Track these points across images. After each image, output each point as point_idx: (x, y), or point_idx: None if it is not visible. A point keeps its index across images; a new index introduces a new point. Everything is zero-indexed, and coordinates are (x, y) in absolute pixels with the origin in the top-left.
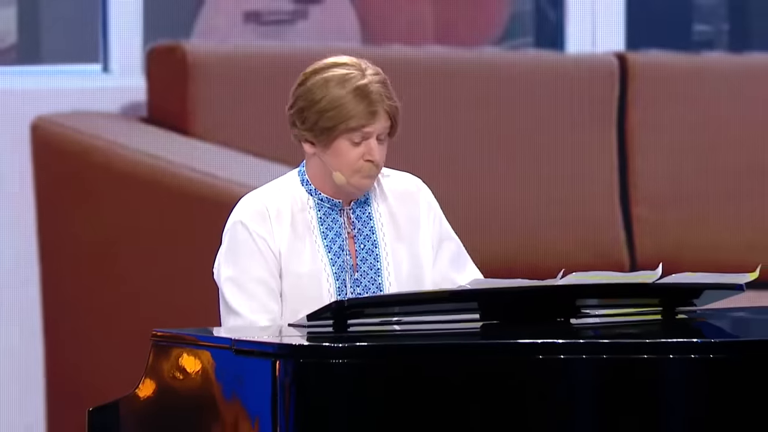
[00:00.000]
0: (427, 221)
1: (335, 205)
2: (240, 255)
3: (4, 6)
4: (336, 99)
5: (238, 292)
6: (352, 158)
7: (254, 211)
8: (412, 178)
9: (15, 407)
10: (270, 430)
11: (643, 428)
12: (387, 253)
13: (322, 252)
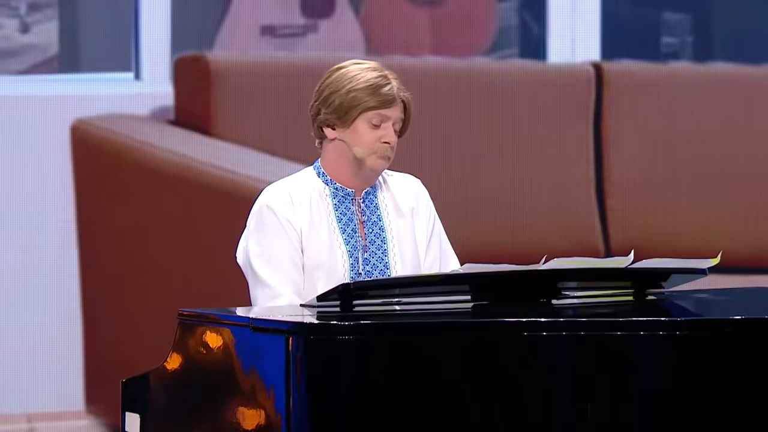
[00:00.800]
0: (423, 215)
1: (348, 194)
2: (267, 234)
3: (48, 20)
4: (362, 82)
5: (266, 266)
6: (370, 139)
7: (278, 197)
8: (413, 178)
9: (56, 379)
10: (284, 398)
11: (616, 398)
12: (393, 236)
13: (338, 233)
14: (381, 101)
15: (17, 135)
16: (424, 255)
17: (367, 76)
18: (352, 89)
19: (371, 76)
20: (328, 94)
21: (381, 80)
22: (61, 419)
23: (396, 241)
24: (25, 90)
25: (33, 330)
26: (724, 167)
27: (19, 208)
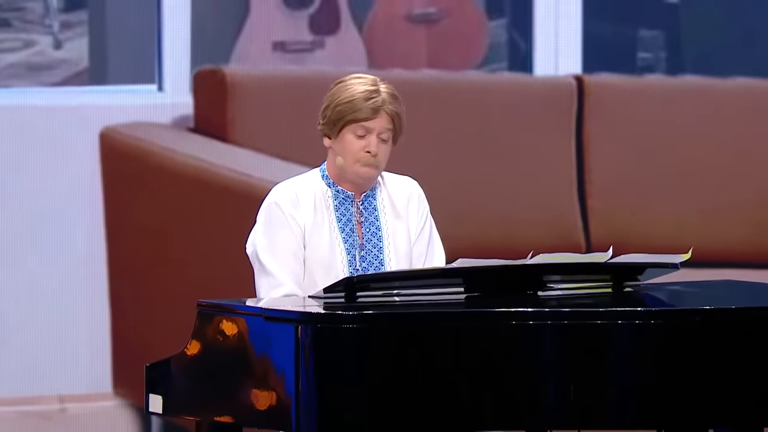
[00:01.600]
0: (415, 214)
1: (348, 197)
2: (274, 228)
3: (79, 37)
4: (348, 97)
5: (271, 257)
6: (354, 148)
7: (285, 195)
8: (410, 180)
9: (86, 363)
10: (293, 381)
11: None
12: (388, 235)
13: (337, 232)
14: (363, 115)
15: (51, 141)
16: (411, 254)
17: (355, 91)
18: (339, 103)
19: (358, 90)
20: (325, 107)
21: (366, 94)
22: (90, 400)
23: (391, 240)
24: (58, 101)
25: (65, 319)
26: (694, 171)
27: (53, 207)
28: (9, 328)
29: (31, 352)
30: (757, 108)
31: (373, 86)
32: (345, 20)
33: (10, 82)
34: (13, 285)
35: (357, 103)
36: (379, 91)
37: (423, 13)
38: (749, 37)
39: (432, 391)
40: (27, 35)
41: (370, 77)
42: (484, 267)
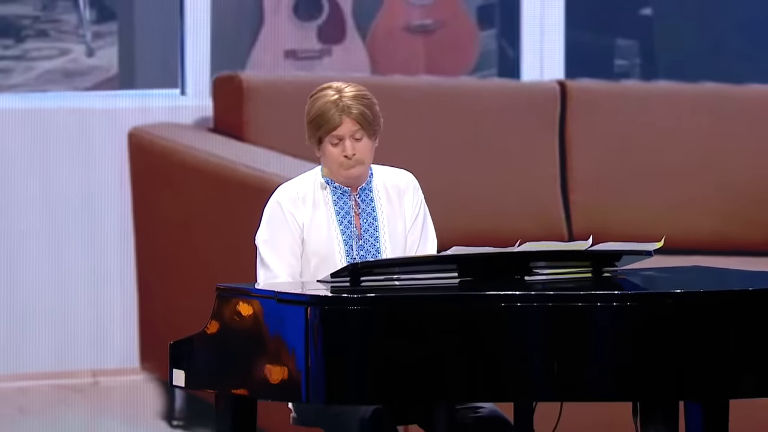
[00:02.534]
0: (410, 204)
1: (345, 192)
2: (274, 225)
3: (109, 46)
4: (316, 112)
5: (270, 251)
6: (333, 156)
7: (287, 194)
8: (405, 172)
9: (116, 341)
10: (303, 358)
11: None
12: (384, 225)
13: (335, 224)
14: (331, 125)
15: (84, 141)
16: (405, 239)
17: (320, 105)
18: (311, 120)
19: (322, 103)
20: (305, 123)
21: (330, 105)
22: (120, 375)
23: (387, 229)
24: (91, 104)
25: (98, 301)
26: (666, 167)
27: (86, 201)
28: (47, 308)
29: (67, 331)
30: (723, 110)
31: (335, 95)
32: (350, 30)
33: (47, 86)
34: (52, 271)
35: (323, 115)
36: (341, 98)
37: (420, 24)
38: (716, 47)
39: (428, 367)
40: (62, 44)
41: (334, 85)
42: (476, 254)
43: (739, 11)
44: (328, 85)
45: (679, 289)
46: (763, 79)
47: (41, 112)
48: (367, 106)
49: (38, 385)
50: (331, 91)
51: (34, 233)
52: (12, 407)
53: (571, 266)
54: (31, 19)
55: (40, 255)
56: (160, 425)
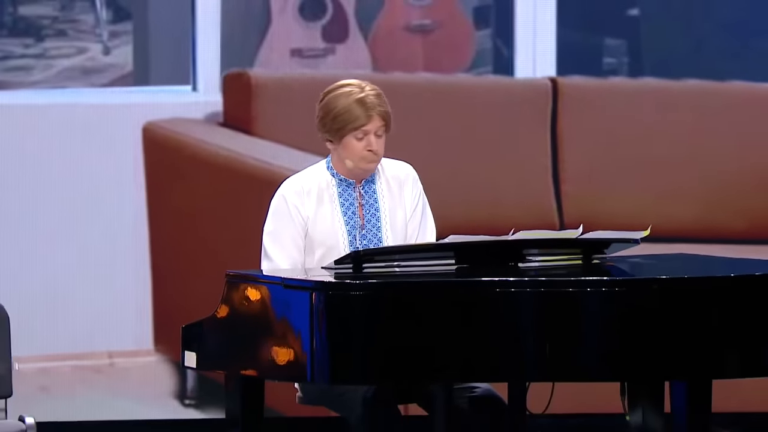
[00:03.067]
0: (410, 194)
1: (350, 184)
2: (278, 218)
3: (124, 45)
4: (343, 108)
5: (273, 243)
6: (357, 150)
7: (292, 188)
8: (405, 164)
9: (131, 324)
10: (308, 340)
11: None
12: (386, 215)
13: (340, 215)
14: (360, 122)
15: (100, 135)
16: (406, 228)
17: (347, 101)
18: (336, 115)
19: (350, 100)
20: (322, 116)
21: (358, 103)
22: (136, 356)
23: (388, 219)
24: (107, 99)
25: (115, 286)
26: (652, 159)
27: (103, 191)
28: (68, 294)
29: (86, 315)
30: (706, 106)
31: (361, 93)
32: (353, 30)
33: (66, 83)
34: (71, 258)
35: (351, 112)
36: (367, 96)
37: (419, 24)
38: (699, 46)
39: (427, 349)
40: (80, 43)
41: (355, 83)
42: (472, 242)
43: (720, 12)
44: (347, 83)
45: (664, 276)
46: (744, 77)
47: (60, 108)
48: (387, 106)
49: (59, 366)
50: (354, 89)
51: (53, 222)
52: (34, 386)
53: (563, 254)
54: (51, 20)
55: (59, 243)
56: (173, 404)
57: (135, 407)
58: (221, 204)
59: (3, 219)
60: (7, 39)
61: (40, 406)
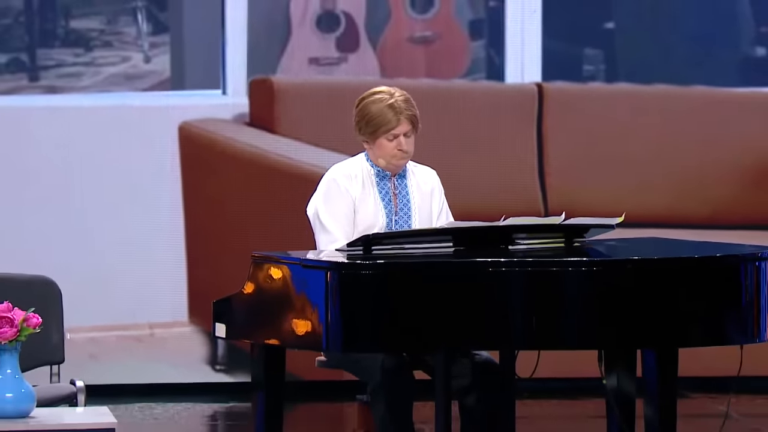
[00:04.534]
0: (437, 196)
1: (386, 176)
2: (332, 198)
3: (163, 54)
4: (376, 113)
5: (330, 219)
6: (389, 150)
7: (341, 172)
8: (432, 171)
9: (169, 298)
10: (324, 313)
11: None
12: (415, 206)
13: (379, 201)
14: (391, 126)
15: (141, 133)
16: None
17: (379, 108)
18: (370, 120)
19: (382, 107)
20: (358, 121)
21: (388, 108)
22: (173, 327)
23: (417, 209)
24: (148, 102)
25: (155, 266)
26: (626, 155)
27: (144, 182)
28: (113, 272)
29: (129, 291)
30: (672, 108)
31: (391, 99)
32: (363, 41)
33: (111, 88)
34: (117, 241)
35: (384, 116)
36: (396, 101)
37: (422, 36)
38: (666, 55)
39: (428, 321)
40: (124, 53)
41: (386, 90)
42: (468, 227)
43: (686, 25)
44: (380, 90)
45: (637, 257)
46: (707, 82)
47: (106, 110)
48: (415, 109)
49: (105, 336)
50: (385, 95)
51: (100, 210)
52: (84, 354)
53: (547, 237)
54: (98, 32)
55: (106, 228)
56: (205, 369)
57: (171, 372)
58: (247, 193)
59: (57, 206)
60: (60, 49)
61: (89, 371)
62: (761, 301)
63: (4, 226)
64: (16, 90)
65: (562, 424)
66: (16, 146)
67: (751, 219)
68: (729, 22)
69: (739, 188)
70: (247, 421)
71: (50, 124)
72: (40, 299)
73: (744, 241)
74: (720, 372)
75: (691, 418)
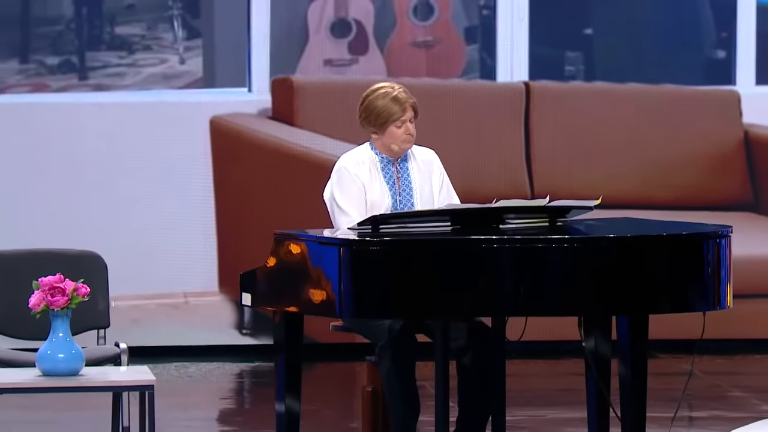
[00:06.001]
0: (436, 174)
1: (389, 161)
2: (345, 184)
3: (196, 56)
4: (383, 106)
5: (346, 202)
6: (399, 136)
7: (349, 161)
8: (431, 151)
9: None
10: (337, 284)
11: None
12: (417, 189)
13: (384, 184)
14: (398, 114)
15: (177, 126)
16: (437, 199)
17: (385, 100)
18: (379, 112)
19: (387, 99)
20: (366, 116)
21: (393, 100)
22: (205, 296)
23: (418, 190)
24: (183, 98)
25: (189, 243)
26: (603, 145)
27: (179, 169)
28: (152, 247)
29: (167, 264)
30: (643, 104)
31: (394, 92)
32: (372, 45)
33: (150, 86)
34: (156, 219)
35: (390, 108)
36: (398, 93)
37: (423, 41)
38: (638, 57)
39: (428, 291)
40: (162, 55)
41: (387, 85)
42: (464, 209)
43: (655, 32)
44: (381, 86)
45: (612, 234)
46: (674, 81)
47: (146, 105)
48: (413, 98)
49: (146, 303)
50: (388, 89)
51: (140, 192)
52: (127, 319)
53: (534, 217)
54: (140, 37)
55: (146, 209)
56: (233, 333)
57: (204, 335)
58: (270, 178)
59: (104, 190)
60: (106, 52)
61: (131, 335)
62: (722, 274)
63: (57, 208)
64: (67, 88)
65: (546, 380)
66: (68, 137)
67: (710, 202)
68: (693, 29)
69: (700, 175)
70: (270, 378)
71: (97, 117)
72: (88, 271)
73: (704, 221)
74: (685, 335)
75: (660, 376)
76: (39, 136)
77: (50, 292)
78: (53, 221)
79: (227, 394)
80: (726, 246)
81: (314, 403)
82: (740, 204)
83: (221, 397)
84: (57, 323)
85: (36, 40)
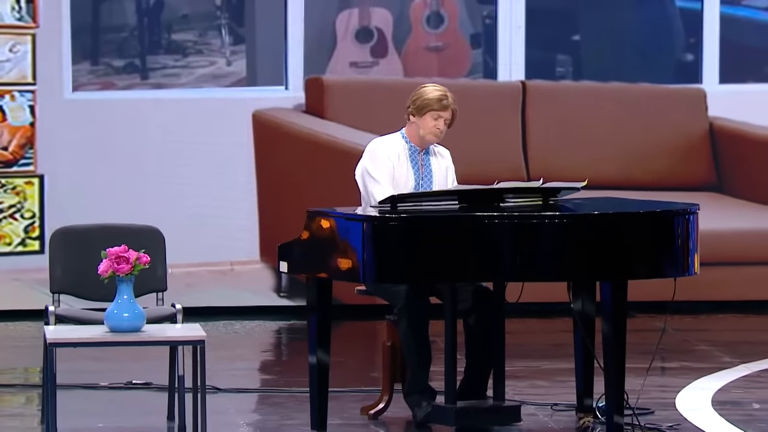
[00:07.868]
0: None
1: (416, 149)
2: (378, 161)
3: (241, 59)
4: (431, 97)
5: (378, 172)
6: (430, 126)
7: (381, 144)
8: (447, 150)
9: (245, 243)
10: (361, 254)
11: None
12: (435, 175)
13: (410, 168)
14: (439, 108)
15: (225, 119)
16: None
17: (435, 95)
18: (426, 99)
19: (436, 95)
20: (414, 99)
21: (441, 96)
22: (248, 264)
23: (437, 178)
24: (229, 96)
25: (235, 219)
26: (589, 135)
27: (226, 155)
28: (204, 222)
29: (216, 236)
30: (623, 100)
31: (444, 93)
32: (390, 50)
33: (202, 85)
34: (207, 200)
35: (436, 100)
36: (447, 96)
37: (435, 46)
38: (619, 60)
39: (439, 260)
40: (211, 58)
41: (442, 88)
42: (469, 189)
43: (636, 37)
44: (438, 86)
45: (597, 211)
46: (651, 80)
47: (199, 101)
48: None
49: (198, 270)
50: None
51: (193, 176)
52: (182, 284)
53: (529, 197)
54: (192, 43)
55: (198, 189)
56: (272, 295)
57: (247, 297)
58: (305, 164)
59: (163, 173)
60: (164, 55)
61: (185, 297)
62: (690, 245)
63: (122, 189)
64: (130, 86)
65: (540, 337)
66: (131, 129)
67: (681, 183)
68: (666, 36)
69: (672, 161)
70: (304, 335)
71: (156, 112)
72: (149, 243)
73: (675, 200)
74: (659, 297)
75: (637, 332)
76: (106, 128)
77: (116, 260)
78: (119, 200)
79: (267, 347)
80: (694, 221)
81: (341, 355)
82: (706, 185)
83: (262, 351)
84: (122, 287)
85: (104, 45)
